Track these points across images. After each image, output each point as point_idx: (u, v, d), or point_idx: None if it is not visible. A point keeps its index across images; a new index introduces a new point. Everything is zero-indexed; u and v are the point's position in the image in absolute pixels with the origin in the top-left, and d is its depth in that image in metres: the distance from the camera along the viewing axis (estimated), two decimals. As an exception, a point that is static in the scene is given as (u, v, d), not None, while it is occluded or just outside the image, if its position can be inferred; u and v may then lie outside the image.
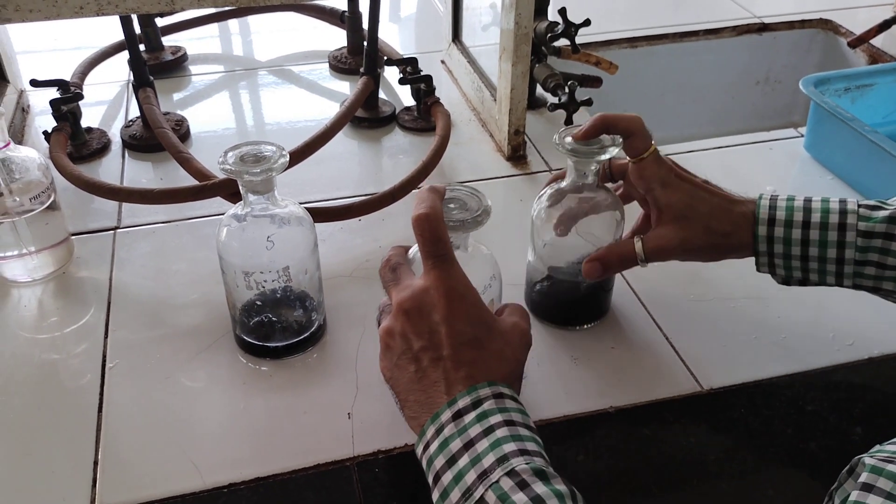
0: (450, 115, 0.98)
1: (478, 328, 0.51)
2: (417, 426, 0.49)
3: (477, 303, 0.52)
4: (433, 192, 0.53)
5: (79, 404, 0.63)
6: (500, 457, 0.44)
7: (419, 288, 0.51)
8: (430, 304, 0.50)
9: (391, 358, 0.52)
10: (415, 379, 0.50)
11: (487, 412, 0.47)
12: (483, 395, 0.48)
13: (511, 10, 0.84)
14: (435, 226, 0.51)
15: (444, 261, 0.51)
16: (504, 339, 0.52)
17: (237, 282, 0.63)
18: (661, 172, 0.62)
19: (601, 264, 0.64)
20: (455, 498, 0.44)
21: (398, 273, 0.55)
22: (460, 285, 0.51)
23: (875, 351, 0.68)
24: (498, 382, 0.49)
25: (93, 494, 0.56)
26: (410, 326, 0.51)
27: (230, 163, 0.58)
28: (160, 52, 1.14)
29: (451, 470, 0.45)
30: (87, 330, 0.70)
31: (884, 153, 0.82)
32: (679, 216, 0.62)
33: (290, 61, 1.20)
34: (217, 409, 0.63)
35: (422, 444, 0.48)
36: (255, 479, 0.57)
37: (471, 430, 0.46)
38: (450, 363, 0.49)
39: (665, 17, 1.34)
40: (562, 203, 0.65)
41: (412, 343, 0.50)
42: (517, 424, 0.47)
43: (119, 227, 0.83)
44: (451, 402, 0.48)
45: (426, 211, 0.51)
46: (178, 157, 0.84)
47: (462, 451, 0.46)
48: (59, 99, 0.90)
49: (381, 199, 0.82)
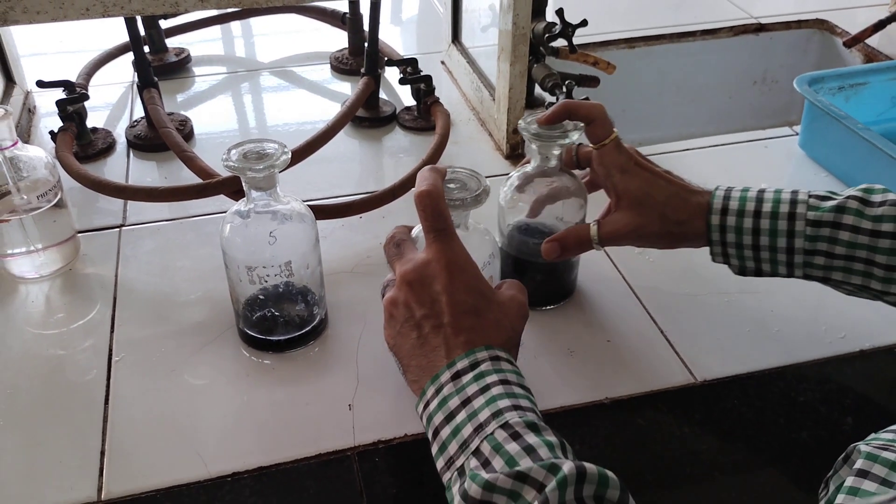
0: (449, 115, 0.99)
1: (477, 298, 0.53)
2: (418, 388, 0.52)
3: (476, 275, 0.54)
4: (434, 171, 0.56)
5: (86, 397, 0.65)
6: (495, 411, 0.47)
7: (421, 260, 0.53)
8: (431, 275, 0.53)
9: (395, 326, 0.54)
10: (417, 345, 0.53)
11: (484, 373, 0.49)
12: (480, 358, 0.50)
13: (509, 11, 0.85)
14: (436, 202, 0.53)
15: (445, 235, 0.53)
16: (502, 310, 0.54)
17: (240, 276, 0.64)
18: (621, 159, 0.63)
19: (559, 245, 0.65)
20: (453, 450, 0.47)
21: (402, 248, 0.57)
22: (460, 258, 0.53)
23: (866, 344, 0.70)
24: (495, 347, 0.51)
25: (100, 483, 0.58)
26: (413, 296, 0.53)
27: (234, 160, 0.60)
28: (164, 53, 1.16)
29: (449, 425, 0.48)
30: (93, 325, 0.72)
31: (877, 150, 0.83)
32: (635, 202, 0.63)
33: (292, 62, 1.21)
34: (221, 401, 0.64)
35: (422, 403, 0.51)
36: (258, 468, 0.59)
37: (468, 388, 0.49)
38: (450, 330, 0.51)
39: (663, 17, 1.35)
40: (529, 187, 0.68)
41: (414, 311, 0.53)
42: (512, 384, 0.49)
43: (124, 224, 0.84)
44: (450, 364, 0.50)
45: (428, 188, 0.54)
46: (182, 156, 0.85)
47: (460, 407, 0.48)
48: (65, 99, 0.92)
49: (381, 197, 0.83)
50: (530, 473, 0.43)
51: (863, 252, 0.57)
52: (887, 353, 0.69)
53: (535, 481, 0.42)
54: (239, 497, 0.56)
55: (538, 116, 0.64)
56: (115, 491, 0.57)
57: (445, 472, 0.47)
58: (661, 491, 0.58)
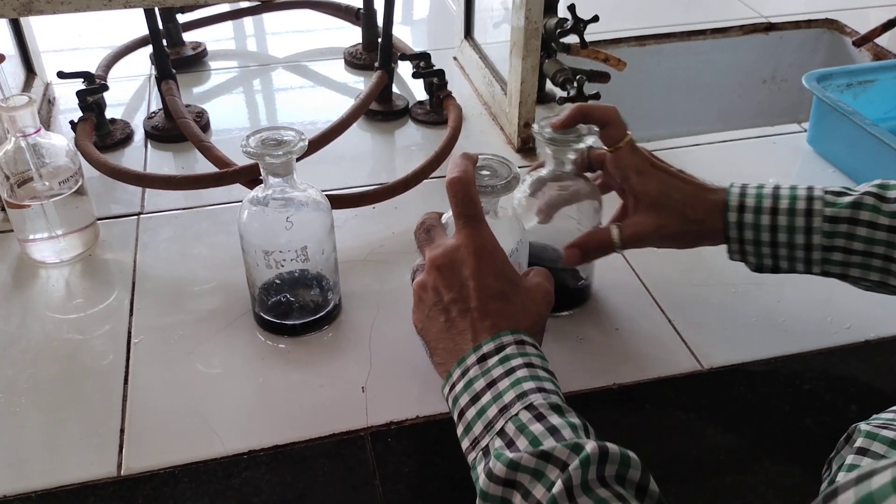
0: (461, 109, 1.00)
1: (504, 283, 0.54)
2: (444, 371, 0.53)
3: (504, 261, 0.55)
4: (466, 158, 0.57)
5: (105, 378, 0.66)
6: (520, 393, 0.48)
7: (451, 246, 0.55)
8: (460, 260, 0.54)
9: (423, 310, 0.56)
10: (444, 328, 0.54)
11: (509, 356, 0.50)
12: (506, 342, 0.51)
13: (521, 6, 0.87)
14: (467, 188, 0.54)
15: (475, 221, 0.54)
16: (528, 296, 0.55)
17: (257, 261, 0.66)
18: (636, 161, 0.64)
19: (580, 250, 0.66)
20: (478, 431, 0.48)
21: (432, 234, 0.58)
22: (489, 244, 0.54)
23: (871, 334, 0.71)
24: (521, 331, 0.52)
25: (119, 459, 0.59)
26: (442, 280, 0.54)
27: (252, 146, 0.61)
28: (181, 47, 1.18)
29: (474, 406, 0.49)
30: (111, 310, 0.73)
31: (885, 147, 0.84)
32: (654, 204, 0.63)
33: (307, 58, 1.23)
34: (237, 383, 0.66)
35: (448, 385, 0.52)
36: (273, 446, 0.60)
37: (493, 371, 0.50)
38: (477, 314, 0.52)
39: (673, 16, 1.36)
40: (542, 191, 0.68)
41: (443, 296, 0.54)
42: (536, 367, 0.50)
43: (142, 212, 0.86)
44: (476, 348, 0.51)
45: (459, 174, 0.55)
46: (200, 146, 0.87)
47: (485, 389, 0.49)
48: (85, 90, 0.94)
49: (394, 188, 0.84)
50: (554, 453, 0.43)
51: (881, 248, 0.58)
52: (893, 344, 0.70)
53: (558, 460, 0.43)
54: (255, 474, 0.58)
55: (552, 121, 0.64)
56: (134, 467, 0.59)
57: (471, 452, 0.48)
58: (668, 474, 0.59)
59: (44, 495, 0.57)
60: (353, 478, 0.58)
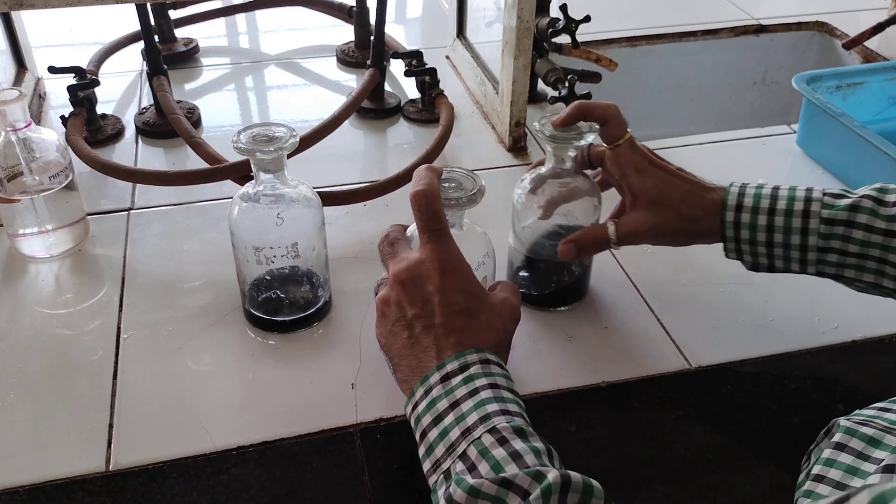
0: (453, 107, 1.01)
1: (469, 299, 0.53)
2: (408, 388, 0.52)
3: (469, 276, 0.54)
4: (430, 171, 0.56)
5: (94, 373, 0.66)
6: (483, 416, 0.47)
7: (415, 260, 0.54)
8: (424, 275, 0.53)
9: (386, 325, 0.55)
10: (407, 344, 0.53)
11: (473, 375, 0.50)
12: (470, 361, 0.51)
13: (514, 6, 0.87)
14: (431, 202, 0.54)
15: (440, 235, 0.54)
16: (494, 312, 0.55)
17: (248, 257, 0.66)
18: (636, 159, 0.64)
19: (576, 246, 0.66)
20: (440, 453, 0.47)
21: (396, 247, 0.58)
22: (454, 259, 0.54)
23: (858, 335, 0.71)
24: (485, 350, 0.52)
25: (108, 455, 0.59)
26: (405, 295, 0.54)
27: (243, 142, 0.61)
28: (173, 43, 1.18)
29: (437, 427, 0.48)
30: (102, 304, 0.73)
31: (873, 148, 0.85)
32: (652, 201, 0.63)
33: (299, 55, 1.23)
34: (227, 379, 0.66)
35: (411, 404, 0.52)
36: (262, 442, 0.60)
37: (457, 391, 0.49)
38: (441, 330, 0.52)
39: (665, 17, 1.37)
40: (542, 188, 0.68)
41: (406, 311, 0.53)
42: (501, 388, 0.50)
43: (132, 208, 0.86)
44: (440, 366, 0.51)
45: (423, 188, 0.54)
46: (191, 142, 0.87)
47: (448, 410, 0.49)
48: (76, 85, 0.93)
49: (385, 185, 0.85)
50: (515, 480, 0.43)
51: (876, 251, 0.58)
52: (879, 344, 0.71)
53: (519, 488, 0.43)
54: (244, 469, 0.58)
55: (553, 119, 0.64)
56: (122, 462, 0.59)
57: (432, 475, 0.48)
58: (655, 472, 0.59)
59: (32, 490, 0.56)
60: (341, 474, 0.58)
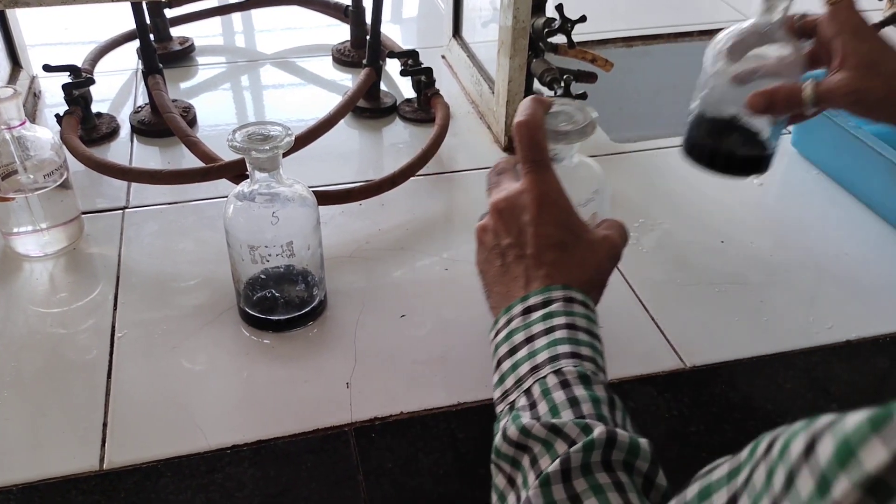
0: (449, 107, 1.00)
1: (565, 234, 0.53)
2: (495, 314, 0.53)
3: (568, 210, 0.54)
4: (535, 101, 0.56)
5: (88, 372, 0.66)
6: (553, 356, 0.47)
7: (515, 191, 0.54)
8: (522, 205, 0.53)
9: (482, 253, 0.56)
10: (500, 272, 0.54)
11: (553, 313, 0.50)
12: (554, 297, 0.50)
13: (510, 6, 0.87)
14: (533, 132, 0.54)
15: (540, 166, 0.53)
16: (590, 248, 0.54)
17: (243, 255, 0.66)
18: (855, 19, 0.60)
19: (766, 97, 0.62)
20: (509, 384, 0.48)
21: (501, 178, 0.57)
22: (553, 191, 0.53)
23: (853, 334, 0.71)
24: (573, 287, 0.51)
25: (102, 453, 0.59)
26: (502, 224, 0.54)
27: (238, 141, 0.61)
28: (168, 42, 1.17)
29: (510, 359, 0.49)
30: (96, 304, 0.73)
31: (867, 149, 0.85)
32: (862, 65, 0.59)
33: (295, 54, 1.23)
34: (221, 378, 0.66)
35: (494, 330, 0.52)
36: (257, 441, 0.60)
37: (534, 326, 0.49)
38: (532, 262, 0.52)
39: (660, 17, 1.37)
40: (743, 44, 0.65)
41: (501, 240, 0.54)
42: (578, 329, 0.49)
43: (127, 207, 0.86)
44: (523, 298, 0.51)
45: (525, 118, 0.54)
46: (186, 141, 0.87)
47: (523, 343, 0.49)
48: (72, 83, 0.93)
49: (380, 185, 0.85)
50: (564, 429, 0.43)
51: None
52: (873, 344, 0.71)
53: (567, 436, 0.43)
54: (238, 468, 0.58)
55: None
56: (116, 461, 0.58)
57: (499, 404, 0.49)
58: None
59: (25, 489, 0.56)
60: (336, 473, 0.58)
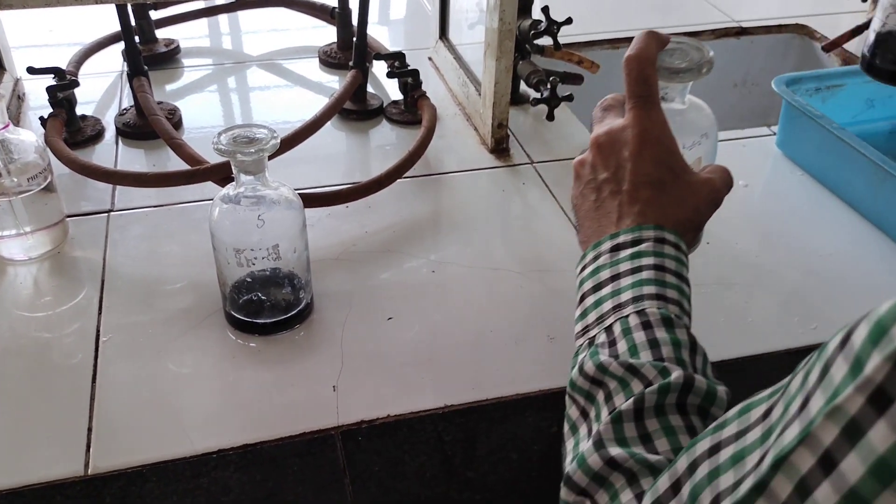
0: (436, 109, 1.00)
1: (664, 172, 0.52)
2: (584, 248, 0.53)
3: (670, 149, 0.53)
4: (651, 35, 0.55)
5: (73, 377, 0.65)
6: (637, 296, 0.47)
7: (617, 126, 0.54)
8: (623, 140, 0.53)
9: (578, 186, 0.56)
10: (593, 207, 0.53)
11: (642, 253, 0.49)
12: (645, 237, 0.50)
13: (496, 8, 0.87)
14: (643, 67, 0.53)
15: (647, 103, 0.53)
16: (690, 189, 0.53)
17: (228, 259, 0.65)
18: None
19: None
20: (591, 319, 0.49)
21: (606, 113, 0.57)
22: (657, 128, 0.52)
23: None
24: (666, 228, 0.50)
25: (86, 458, 0.59)
26: (601, 159, 0.54)
27: (223, 143, 0.61)
28: (154, 43, 1.17)
29: (594, 295, 0.49)
30: (81, 308, 0.73)
31: (851, 150, 0.86)
32: None
33: (281, 56, 1.22)
34: (207, 382, 0.65)
35: (581, 265, 0.52)
36: (243, 445, 0.60)
37: (622, 264, 0.49)
38: (626, 198, 0.52)
39: (646, 19, 1.38)
40: None
41: (598, 174, 0.54)
42: (666, 271, 0.49)
43: (112, 210, 0.85)
44: (613, 235, 0.51)
45: (636, 52, 0.53)
46: (171, 143, 0.86)
47: (608, 280, 0.49)
48: (56, 86, 0.93)
49: (367, 187, 0.84)
50: (641, 369, 0.44)
51: None
52: (857, 344, 0.71)
53: (644, 377, 0.43)
54: (224, 473, 0.58)
55: None
56: (101, 466, 0.58)
57: (579, 338, 0.49)
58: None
59: (9, 495, 0.56)
60: (322, 477, 0.58)
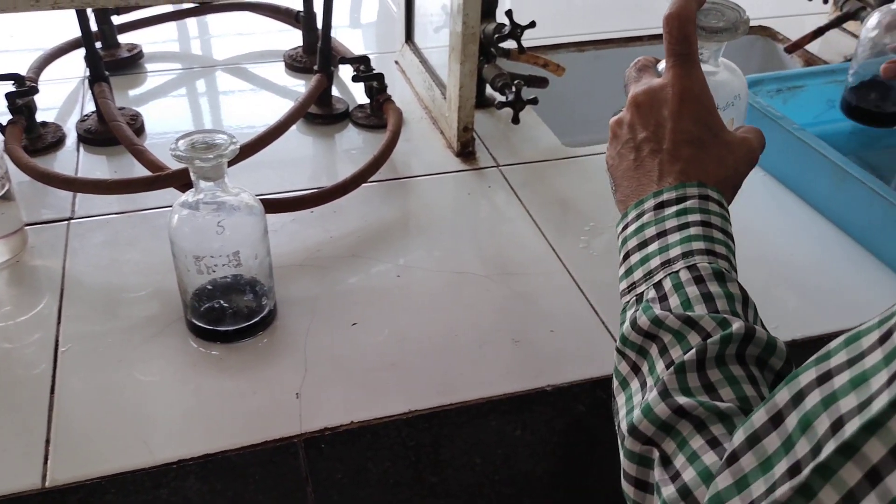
0: (401, 112, 1.00)
1: (703, 131, 0.52)
2: (623, 208, 0.53)
3: (709, 108, 0.52)
4: None
5: (31, 388, 0.64)
6: (687, 251, 0.47)
7: (656, 84, 0.53)
8: (662, 99, 0.52)
9: (615, 146, 0.55)
10: (632, 167, 0.53)
11: (688, 209, 0.49)
12: (689, 194, 0.49)
13: (459, 11, 0.87)
14: (684, 24, 0.52)
15: (687, 61, 0.52)
16: (728, 148, 0.52)
17: (188, 266, 0.65)
18: None
19: None
20: (638, 276, 0.48)
21: (641, 73, 0.56)
22: (697, 87, 0.52)
23: (798, 334, 0.73)
24: (709, 185, 0.50)
25: (44, 471, 0.58)
26: (639, 118, 0.53)
27: (181, 150, 0.61)
28: (116, 49, 1.15)
29: (640, 252, 0.49)
30: (40, 318, 0.72)
31: (812, 151, 0.87)
32: None
33: (247, 60, 1.21)
34: (168, 391, 0.65)
35: (622, 224, 0.52)
36: (203, 455, 0.59)
37: (668, 221, 0.49)
38: (667, 157, 0.51)
39: (613, 22, 1.38)
40: None
41: (637, 133, 0.53)
42: (713, 227, 0.49)
43: (73, 217, 0.84)
44: (656, 193, 0.50)
45: (676, 10, 0.52)
46: (133, 149, 0.85)
47: (655, 237, 0.49)
48: (15, 92, 0.91)
49: (332, 192, 0.84)
50: (699, 322, 0.43)
51: None
52: (818, 343, 0.71)
53: (702, 329, 0.43)
54: (184, 483, 0.57)
55: None
56: (59, 478, 0.57)
57: (625, 295, 0.49)
58: (602, 475, 0.60)
59: (-37, 510, 0.55)
60: (284, 485, 0.57)
